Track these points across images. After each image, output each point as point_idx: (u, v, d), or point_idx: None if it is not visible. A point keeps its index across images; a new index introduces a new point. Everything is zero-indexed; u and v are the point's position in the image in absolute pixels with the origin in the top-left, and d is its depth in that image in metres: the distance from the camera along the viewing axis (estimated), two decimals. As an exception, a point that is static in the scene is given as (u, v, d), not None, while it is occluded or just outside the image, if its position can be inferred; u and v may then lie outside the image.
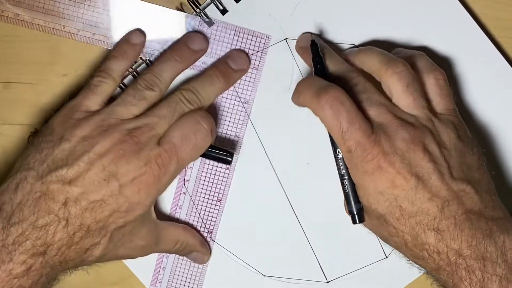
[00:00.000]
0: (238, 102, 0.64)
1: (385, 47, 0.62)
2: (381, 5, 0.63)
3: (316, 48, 0.59)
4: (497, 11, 0.63)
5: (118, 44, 0.62)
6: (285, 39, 0.63)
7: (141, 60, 0.63)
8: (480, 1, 0.63)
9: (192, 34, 0.62)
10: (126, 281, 0.65)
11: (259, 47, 0.63)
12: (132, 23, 0.62)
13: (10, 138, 0.64)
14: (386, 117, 0.55)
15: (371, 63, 0.58)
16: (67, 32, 0.62)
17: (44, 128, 0.58)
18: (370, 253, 0.64)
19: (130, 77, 0.62)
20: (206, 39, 0.62)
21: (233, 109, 0.64)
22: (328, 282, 0.65)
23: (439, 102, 0.57)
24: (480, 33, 0.62)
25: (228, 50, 0.63)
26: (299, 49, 0.62)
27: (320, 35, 0.63)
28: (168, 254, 0.65)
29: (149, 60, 0.62)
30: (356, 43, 0.63)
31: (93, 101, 0.58)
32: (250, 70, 0.63)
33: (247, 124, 0.64)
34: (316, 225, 0.64)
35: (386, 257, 0.64)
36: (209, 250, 0.65)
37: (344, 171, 0.57)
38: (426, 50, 0.62)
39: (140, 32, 0.62)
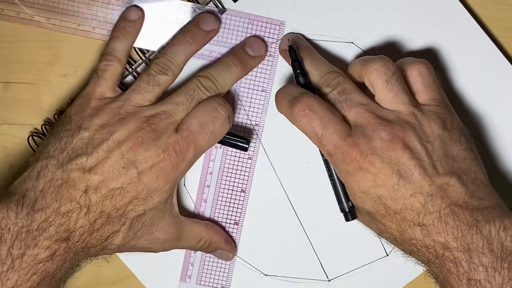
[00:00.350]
0: (256, 91, 0.64)
1: (385, 46, 0.63)
2: (380, 5, 0.63)
3: (294, 52, 0.60)
4: (498, 11, 0.64)
5: (117, 23, 0.61)
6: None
7: (141, 60, 0.62)
8: (480, 1, 0.63)
9: (204, 14, 0.62)
10: (125, 281, 0.65)
11: (274, 33, 0.63)
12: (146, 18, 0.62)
13: (10, 138, 0.64)
14: (365, 116, 0.56)
15: (356, 68, 0.59)
16: (83, 30, 0.62)
17: (61, 117, 0.59)
18: (371, 251, 0.64)
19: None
20: (217, 19, 0.62)
21: (251, 97, 0.64)
22: (329, 281, 0.65)
23: (423, 92, 0.57)
24: (481, 33, 0.62)
25: (242, 39, 0.63)
26: (281, 51, 0.63)
27: (303, 35, 0.63)
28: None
29: (149, 60, 0.62)
30: (355, 42, 0.63)
31: (104, 86, 0.59)
32: (266, 57, 0.63)
33: (266, 112, 0.64)
34: (317, 223, 0.65)
35: (387, 255, 0.65)
36: (234, 247, 0.64)
37: (332, 171, 0.59)
38: (426, 50, 0.63)
39: (137, 8, 0.62)
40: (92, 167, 0.55)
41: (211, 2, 0.62)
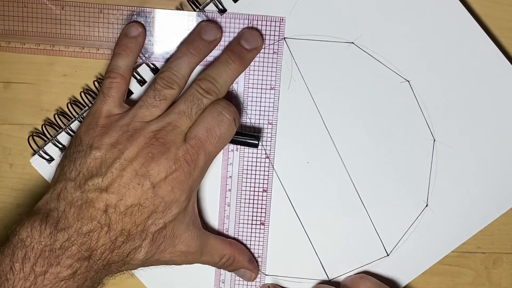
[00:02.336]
0: (265, 89, 0.63)
1: (385, 47, 0.63)
2: (380, 5, 0.63)
3: None
4: (497, 11, 0.63)
5: (118, 40, 0.62)
6: (284, 38, 0.63)
7: (141, 61, 0.63)
8: (481, 1, 0.63)
9: (205, 24, 0.62)
10: (126, 281, 0.65)
11: (275, 30, 0.63)
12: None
13: (10, 138, 0.64)
14: None
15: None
16: (87, 52, 0.63)
17: (72, 138, 0.59)
18: (371, 251, 0.64)
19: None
20: (219, 27, 0.62)
21: (261, 96, 0.64)
22: (329, 281, 0.65)
23: None
24: (481, 33, 0.62)
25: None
26: None
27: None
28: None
29: (150, 62, 0.62)
30: (355, 42, 0.63)
31: (111, 104, 0.59)
32: (271, 55, 0.63)
33: (278, 110, 0.64)
34: (317, 223, 0.65)
35: (388, 255, 0.65)
36: (257, 267, 0.65)
37: None
38: (426, 50, 0.63)
39: (138, 24, 0.62)
40: (108, 186, 0.56)
41: (211, 3, 0.62)
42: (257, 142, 0.62)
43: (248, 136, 0.62)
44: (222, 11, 0.62)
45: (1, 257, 0.54)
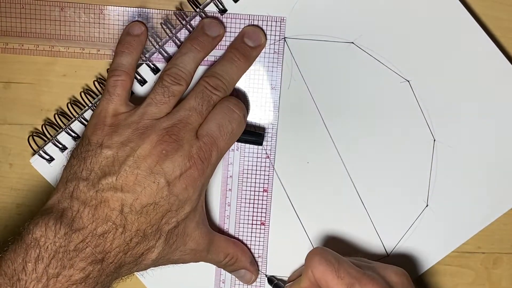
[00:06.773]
0: (266, 89, 0.63)
1: (385, 47, 0.63)
2: (380, 5, 0.63)
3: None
4: (498, 11, 0.63)
5: (121, 39, 0.61)
6: (284, 38, 0.63)
7: (141, 61, 0.63)
8: (481, 1, 0.63)
9: (208, 20, 0.62)
10: (126, 282, 0.65)
11: (275, 30, 0.63)
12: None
13: (10, 138, 0.64)
14: None
15: None
16: (88, 53, 0.63)
17: (79, 140, 0.59)
18: (371, 251, 0.64)
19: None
20: (222, 24, 0.62)
21: (261, 96, 0.64)
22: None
23: None
24: (481, 33, 0.62)
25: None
26: None
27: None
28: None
29: (150, 62, 0.62)
30: (355, 42, 0.63)
31: (117, 103, 0.59)
32: (271, 55, 0.63)
33: (278, 110, 0.64)
34: (317, 223, 0.65)
35: (388, 255, 0.65)
36: (257, 271, 0.64)
37: None
38: (426, 50, 0.63)
39: (140, 22, 0.62)
40: (122, 185, 0.55)
41: (211, 3, 0.62)
42: (261, 140, 0.63)
43: (253, 134, 0.62)
44: (223, 11, 0.62)
45: (13, 255, 0.53)
